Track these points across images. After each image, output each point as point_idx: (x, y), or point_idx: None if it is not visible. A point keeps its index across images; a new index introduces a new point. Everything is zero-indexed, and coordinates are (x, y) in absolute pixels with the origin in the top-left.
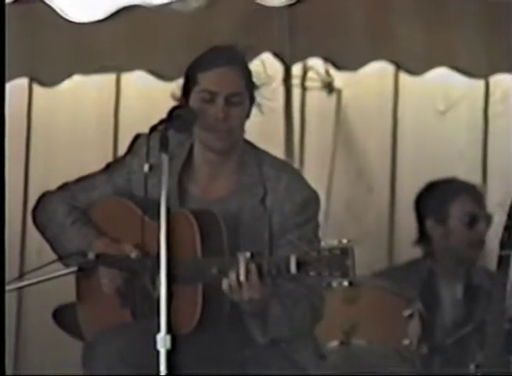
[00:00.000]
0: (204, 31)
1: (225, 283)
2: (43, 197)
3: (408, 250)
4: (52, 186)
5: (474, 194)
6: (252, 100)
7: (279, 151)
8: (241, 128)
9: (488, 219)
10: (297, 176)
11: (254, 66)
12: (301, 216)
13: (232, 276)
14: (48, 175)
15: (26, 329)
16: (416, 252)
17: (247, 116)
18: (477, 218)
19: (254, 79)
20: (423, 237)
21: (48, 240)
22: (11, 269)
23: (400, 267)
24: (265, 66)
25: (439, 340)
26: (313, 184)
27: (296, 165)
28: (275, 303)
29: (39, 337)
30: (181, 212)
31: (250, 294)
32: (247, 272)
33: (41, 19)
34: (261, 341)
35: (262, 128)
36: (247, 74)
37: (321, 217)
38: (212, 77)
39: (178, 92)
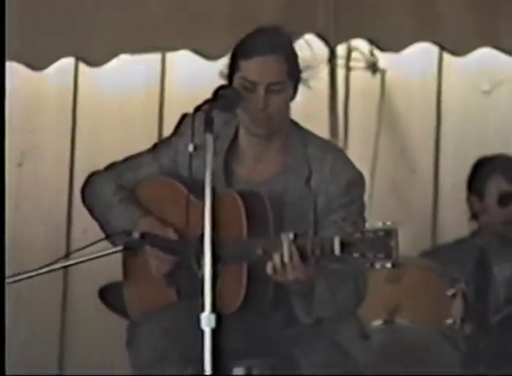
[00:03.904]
0: (249, 10)
1: (269, 266)
2: (91, 176)
3: (452, 230)
4: (98, 166)
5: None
6: (297, 82)
7: (323, 131)
8: (284, 113)
9: None
10: (342, 156)
11: (299, 47)
12: (345, 197)
13: (276, 257)
14: (94, 155)
15: (72, 308)
16: (461, 232)
17: (292, 99)
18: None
19: (299, 62)
20: (472, 215)
21: (96, 219)
22: (57, 248)
23: (447, 246)
24: (311, 47)
25: (487, 319)
26: (357, 164)
27: (340, 146)
28: (320, 283)
29: (85, 315)
30: (227, 192)
31: (294, 275)
32: (291, 253)
33: None
34: (305, 321)
35: (307, 109)
36: (291, 58)
37: (365, 198)
38: (253, 66)
39: (226, 70)
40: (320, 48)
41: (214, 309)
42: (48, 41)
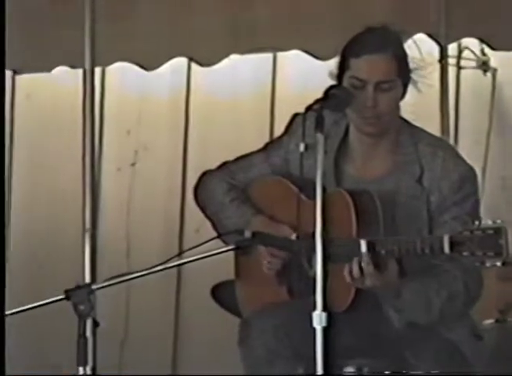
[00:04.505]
0: (359, 11)
1: (346, 272)
2: (204, 175)
3: None
4: (210, 165)
5: None
6: (406, 81)
7: (434, 130)
8: (393, 111)
9: None
10: (453, 153)
11: (409, 48)
12: (458, 194)
13: (354, 263)
14: (205, 154)
15: (185, 306)
16: None
17: (401, 98)
18: None
19: (409, 62)
20: None
21: (208, 218)
22: (170, 246)
23: None
24: (420, 48)
25: None
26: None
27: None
28: (410, 288)
29: (197, 314)
30: (337, 191)
31: (370, 282)
32: (367, 260)
33: (197, 0)
34: (396, 324)
35: (417, 108)
36: (401, 58)
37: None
38: (363, 65)
39: (335, 71)
40: (431, 47)
41: (325, 308)
42: (161, 41)
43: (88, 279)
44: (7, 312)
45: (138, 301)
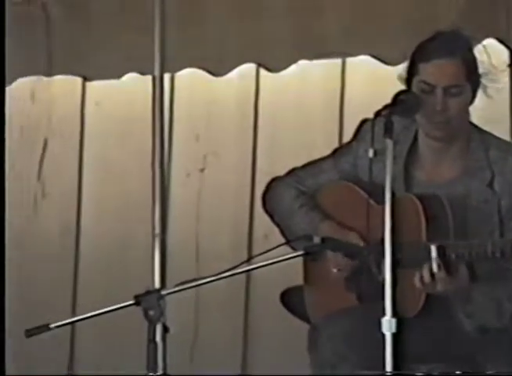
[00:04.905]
0: (428, 15)
1: (416, 277)
2: (272, 181)
3: None
4: (279, 171)
5: None
6: (476, 86)
7: (504, 134)
8: (463, 116)
9: None
10: None
11: (478, 53)
12: None
13: (425, 269)
14: (274, 160)
15: (254, 311)
16: None
17: (471, 103)
18: None
19: (478, 67)
20: None
21: (276, 224)
22: (239, 252)
23: None
24: (489, 53)
25: None
26: None
27: None
28: (482, 292)
29: (267, 319)
30: (406, 196)
31: (442, 287)
32: (438, 265)
33: (265, 6)
34: (467, 328)
35: (487, 111)
36: (470, 62)
37: None
38: (432, 70)
39: (404, 74)
40: (501, 52)
41: (394, 314)
42: (230, 47)
43: (157, 284)
44: (79, 317)
45: (208, 306)
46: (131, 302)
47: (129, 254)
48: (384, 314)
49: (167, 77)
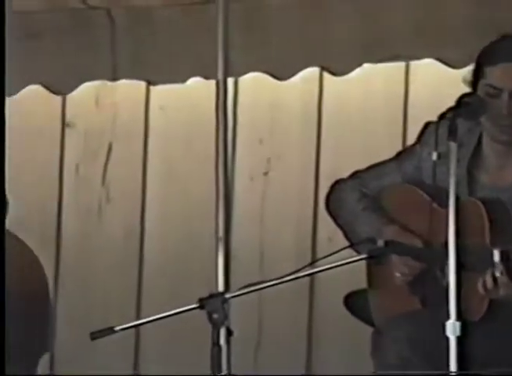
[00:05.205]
0: (492, 18)
1: (479, 282)
2: (336, 184)
3: None
4: (342, 174)
5: None
6: None
7: None
8: None
9: None
10: None
11: None
12: None
13: (488, 275)
14: (338, 163)
15: (318, 314)
16: None
17: None
18: None
19: None
20: None
21: (340, 227)
22: (303, 255)
23: None
24: None
25: None
26: None
27: None
28: None
29: (331, 322)
30: (470, 200)
31: (505, 291)
32: (501, 270)
33: (329, 9)
34: None
35: None
36: None
37: None
38: (498, 73)
39: (470, 77)
40: None
41: (459, 317)
42: (293, 51)
43: (221, 287)
44: (143, 320)
45: (272, 308)
46: (195, 305)
47: (193, 258)
48: (448, 317)
49: (230, 81)
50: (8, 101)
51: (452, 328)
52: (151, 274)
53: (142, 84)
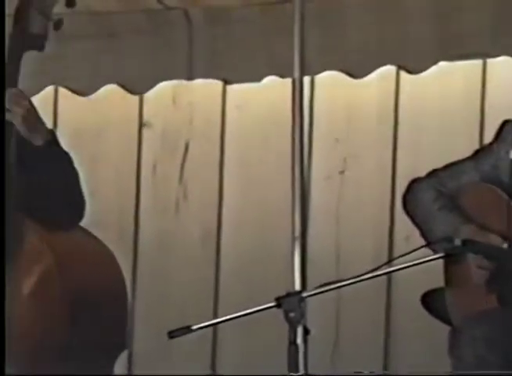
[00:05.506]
0: None
1: None
2: (413, 183)
3: None
4: (419, 173)
5: None
6: None
7: None
8: None
9: None
10: None
11: None
12: None
13: None
14: (415, 162)
15: (395, 312)
16: None
17: None
18: None
19: None
20: None
21: (417, 226)
22: (380, 254)
23: None
24: None
25: None
26: None
27: None
28: None
29: (408, 321)
30: None
31: None
32: None
33: (405, 7)
34: None
35: None
36: None
37: None
38: None
39: None
40: None
41: None
42: (369, 49)
43: (298, 286)
44: (220, 319)
45: (349, 307)
46: (272, 304)
47: (270, 257)
48: None
49: (306, 80)
50: (83, 100)
51: None
52: (228, 272)
53: (219, 83)
